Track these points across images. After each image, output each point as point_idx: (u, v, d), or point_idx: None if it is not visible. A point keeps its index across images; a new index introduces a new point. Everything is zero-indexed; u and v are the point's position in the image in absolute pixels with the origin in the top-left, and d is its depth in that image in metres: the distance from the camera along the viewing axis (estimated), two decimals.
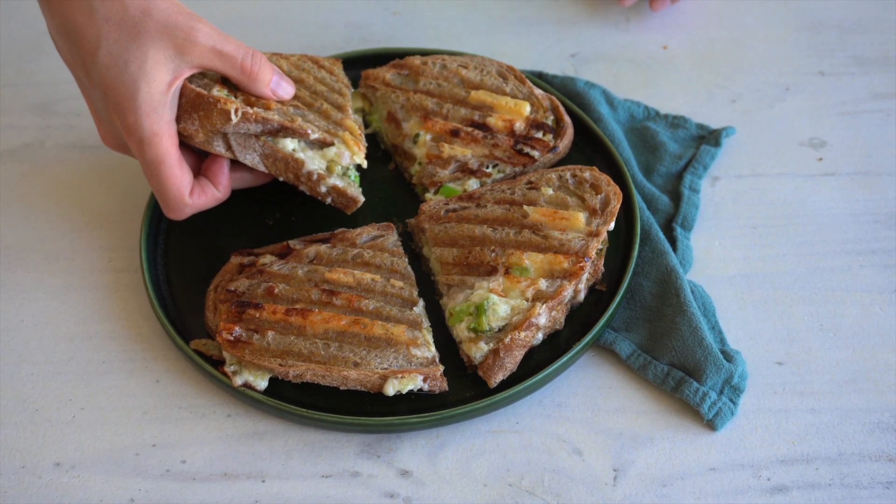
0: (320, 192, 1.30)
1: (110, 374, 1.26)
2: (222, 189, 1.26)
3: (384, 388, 1.18)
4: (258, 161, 1.27)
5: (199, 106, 1.20)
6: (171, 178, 1.20)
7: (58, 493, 1.17)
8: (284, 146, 1.26)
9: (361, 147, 1.30)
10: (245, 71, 1.21)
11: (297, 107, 1.29)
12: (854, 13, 1.63)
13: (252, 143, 1.25)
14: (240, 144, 1.24)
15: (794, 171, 1.44)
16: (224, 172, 1.27)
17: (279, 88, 1.26)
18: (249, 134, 1.24)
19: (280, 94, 1.26)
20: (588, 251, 1.25)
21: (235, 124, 1.21)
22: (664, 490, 1.16)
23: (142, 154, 1.18)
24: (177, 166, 1.20)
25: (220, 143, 1.23)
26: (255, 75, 1.22)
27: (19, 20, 1.67)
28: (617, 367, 1.26)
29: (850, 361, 1.25)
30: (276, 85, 1.25)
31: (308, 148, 1.28)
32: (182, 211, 1.24)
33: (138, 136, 1.16)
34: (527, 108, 1.39)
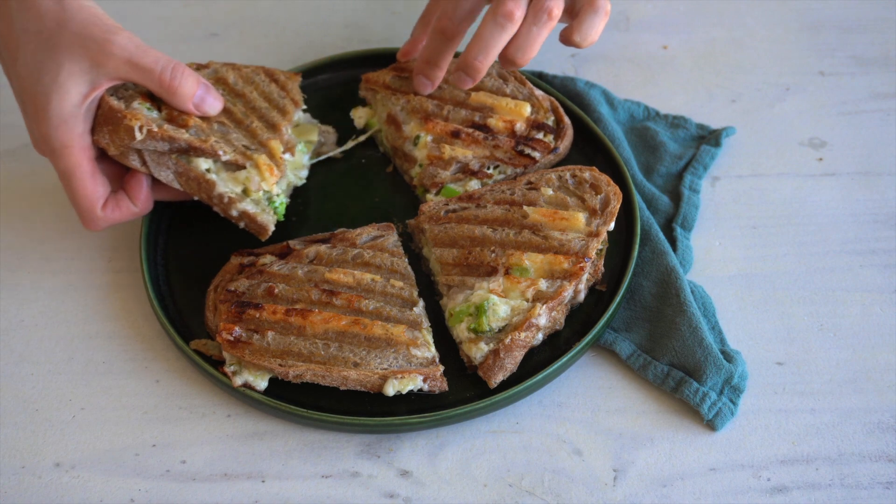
0: (232, 216, 1.27)
1: (110, 374, 1.27)
2: (140, 204, 1.25)
3: (384, 388, 1.18)
4: (172, 178, 1.24)
5: (109, 119, 1.18)
6: (82, 189, 1.20)
7: (58, 493, 1.17)
8: (197, 165, 1.23)
9: (275, 172, 1.25)
10: (163, 85, 1.18)
11: (222, 123, 1.25)
12: (854, 13, 1.63)
13: (165, 161, 1.22)
14: (153, 161, 1.22)
15: (794, 171, 1.44)
16: (142, 187, 1.25)
17: (203, 104, 1.22)
18: (161, 151, 1.21)
19: (204, 109, 1.23)
20: (588, 251, 1.25)
21: (141, 140, 1.19)
22: (664, 490, 1.16)
23: (55, 164, 1.19)
24: (88, 178, 1.19)
25: (135, 158, 1.22)
26: (175, 89, 1.19)
27: None
28: (617, 367, 1.26)
29: (850, 361, 1.25)
30: (199, 100, 1.22)
31: (223, 169, 1.25)
32: (95, 223, 1.23)
33: (50, 147, 1.17)
34: (527, 108, 1.39)
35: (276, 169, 1.25)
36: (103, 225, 1.24)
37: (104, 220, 1.23)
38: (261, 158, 1.23)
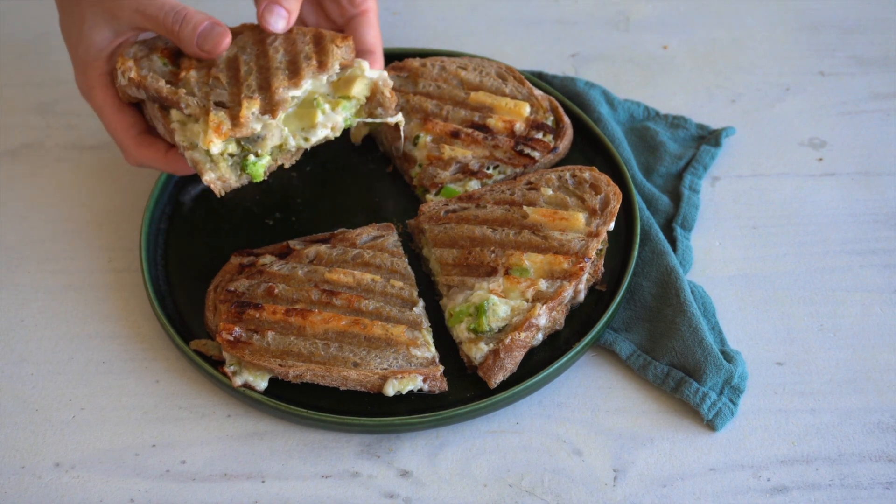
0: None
1: (110, 374, 1.27)
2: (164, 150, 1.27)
3: (384, 388, 1.18)
4: (161, 129, 1.25)
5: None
6: (110, 123, 1.26)
7: (58, 493, 1.17)
8: (171, 116, 1.22)
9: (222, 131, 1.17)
10: (168, 29, 1.21)
11: (218, 80, 1.22)
12: (854, 13, 1.63)
13: (153, 110, 1.24)
14: (149, 111, 1.26)
15: (794, 171, 1.44)
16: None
17: (204, 43, 1.21)
18: (150, 99, 1.23)
19: (207, 49, 1.22)
20: (588, 251, 1.25)
21: (126, 86, 1.22)
22: (664, 490, 1.16)
23: (91, 105, 1.27)
24: (114, 112, 1.25)
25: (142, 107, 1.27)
26: (177, 33, 1.21)
27: (19, 20, 1.67)
28: (617, 367, 1.26)
29: (850, 361, 1.25)
30: (200, 39, 1.21)
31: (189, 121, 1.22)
32: (129, 155, 1.27)
33: (83, 91, 1.27)
34: (526, 108, 1.39)
35: (226, 128, 1.18)
36: (137, 159, 1.27)
37: (137, 155, 1.27)
38: (211, 116, 1.18)
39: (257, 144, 1.21)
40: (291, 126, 1.23)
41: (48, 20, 1.66)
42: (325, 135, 1.23)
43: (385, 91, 1.24)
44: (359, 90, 1.24)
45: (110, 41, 1.23)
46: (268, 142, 1.21)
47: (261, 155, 1.22)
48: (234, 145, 1.20)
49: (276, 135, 1.21)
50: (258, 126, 1.19)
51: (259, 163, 1.22)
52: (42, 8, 1.68)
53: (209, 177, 1.20)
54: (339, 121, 1.23)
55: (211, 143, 1.17)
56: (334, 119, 1.23)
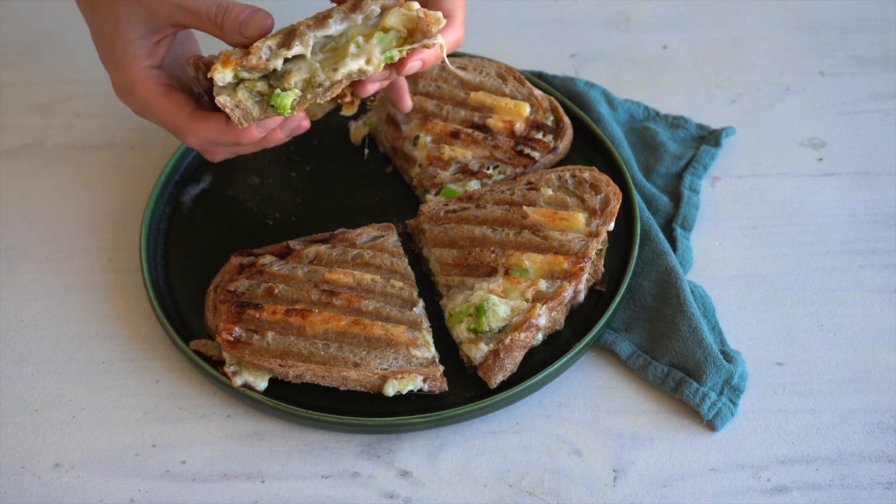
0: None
1: (110, 374, 1.27)
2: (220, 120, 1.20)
3: (384, 388, 1.18)
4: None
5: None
6: (161, 109, 1.19)
7: (58, 493, 1.17)
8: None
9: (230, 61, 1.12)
10: (211, 22, 1.16)
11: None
12: (854, 13, 1.63)
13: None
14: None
15: (794, 171, 1.44)
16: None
17: (247, 28, 1.16)
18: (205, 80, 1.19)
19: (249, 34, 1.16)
20: (588, 252, 1.25)
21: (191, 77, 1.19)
22: (664, 491, 1.16)
23: (134, 107, 1.20)
24: (162, 97, 1.18)
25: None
26: (220, 25, 1.16)
27: (19, 20, 1.67)
28: (617, 367, 1.26)
29: (850, 362, 1.25)
30: (243, 26, 1.16)
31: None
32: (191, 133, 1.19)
33: (123, 92, 1.20)
34: (526, 108, 1.39)
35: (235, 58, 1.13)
36: (198, 135, 1.19)
37: (197, 131, 1.19)
38: (226, 51, 1.14)
39: (283, 80, 1.15)
40: (326, 64, 1.15)
41: (48, 20, 1.66)
42: (357, 66, 1.14)
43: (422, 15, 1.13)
44: (394, 21, 1.14)
45: (146, 38, 1.19)
46: (293, 76, 1.15)
47: (288, 89, 1.15)
48: (263, 84, 1.15)
49: (304, 68, 1.15)
50: (278, 62, 1.13)
51: (285, 94, 1.15)
52: (42, 8, 1.68)
53: (222, 98, 1.14)
54: (374, 52, 1.14)
55: (216, 70, 1.13)
56: (368, 49, 1.14)
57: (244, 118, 1.14)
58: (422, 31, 1.14)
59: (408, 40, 1.15)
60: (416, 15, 1.13)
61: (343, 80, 1.14)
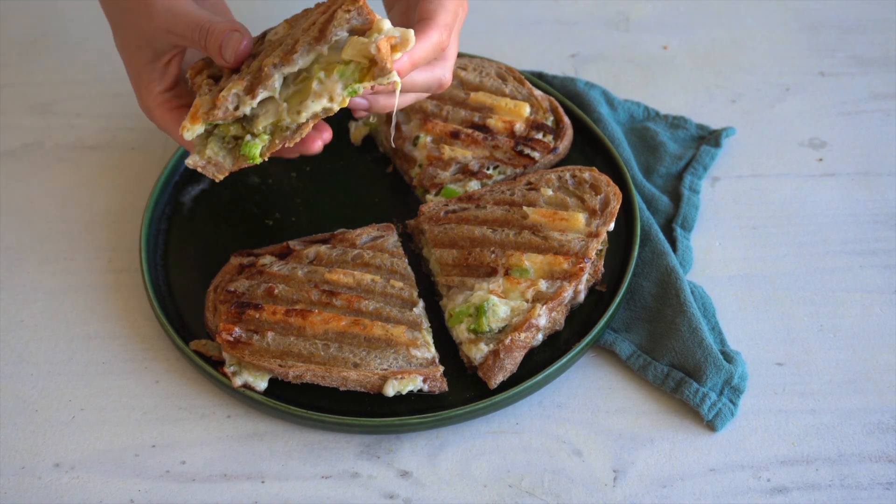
0: None
1: (110, 374, 1.27)
2: None
3: (384, 388, 1.18)
4: None
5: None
6: (177, 137, 1.21)
7: (57, 493, 1.17)
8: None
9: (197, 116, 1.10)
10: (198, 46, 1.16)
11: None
12: (854, 13, 1.63)
13: None
14: None
15: (794, 171, 1.44)
16: None
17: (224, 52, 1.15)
18: None
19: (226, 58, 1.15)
20: (588, 252, 1.25)
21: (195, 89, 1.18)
22: (664, 491, 1.16)
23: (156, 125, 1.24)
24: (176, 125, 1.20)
25: None
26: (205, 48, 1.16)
27: (19, 20, 1.67)
28: (617, 367, 1.26)
29: (850, 362, 1.25)
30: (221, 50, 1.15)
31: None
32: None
33: (144, 112, 1.24)
34: (526, 109, 1.39)
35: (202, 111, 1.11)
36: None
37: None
38: (196, 101, 1.13)
39: (253, 124, 1.12)
40: (293, 102, 1.10)
41: (48, 20, 1.66)
42: (321, 106, 1.09)
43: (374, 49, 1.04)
44: (351, 53, 1.07)
45: (153, 63, 1.20)
46: (261, 120, 1.12)
47: (257, 134, 1.12)
48: (236, 127, 1.13)
49: (271, 112, 1.11)
50: (246, 108, 1.10)
51: (253, 142, 1.12)
52: (42, 8, 1.68)
53: (193, 160, 1.13)
54: (335, 88, 1.08)
55: (185, 128, 1.11)
56: (329, 87, 1.08)
57: (218, 172, 1.14)
58: (379, 66, 1.05)
59: (370, 71, 1.07)
60: (370, 47, 1.05)
61: (309, 120, 1.10)
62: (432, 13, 1.12)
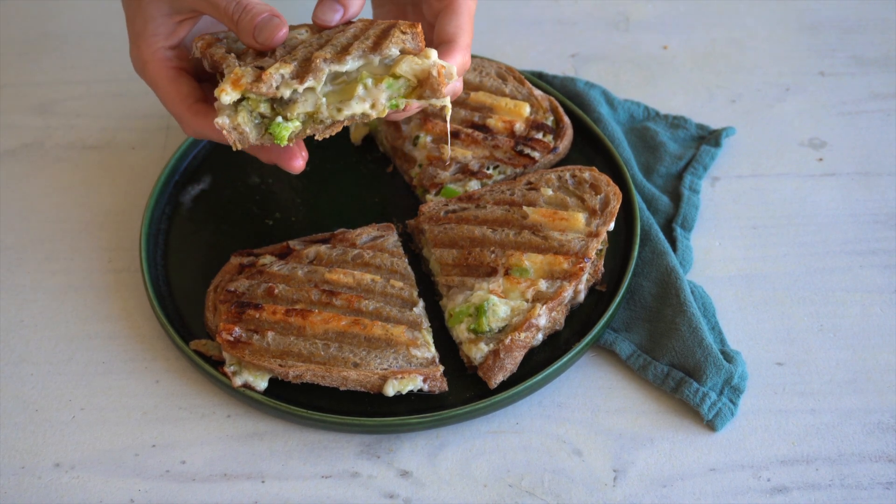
0: None
1: (110, 374, 1.27)
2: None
3: (384, 388, 1.18)
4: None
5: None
6: (166, 95, 1.20)
7: (58, 493, 1.17)
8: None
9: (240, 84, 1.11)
10: (228, 17, 1.16)
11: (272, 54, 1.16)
12: (854, 13, 1.63)
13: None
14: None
15: (794, 171, 1.44)
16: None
17: (259, 35, 1.15)
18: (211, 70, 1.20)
19: (261, 41, 1.15)
20: (588, 252, 1.25)
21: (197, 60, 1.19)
22: (664, 491, 1.16)
23: (146, 81, 1.22)
24: (169, 83, 1.20)
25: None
26: (235, 22, 1.16)
27: (19, 20, 1.67)
28: (617, 367, 1.26)
29: (850, 362, 1.25)
30: (257, 31, 1.15)
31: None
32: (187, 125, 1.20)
33: (137, 67, 1.22)
34: (526, 108, 1.39)
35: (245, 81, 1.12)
36: (194, 129, 1.20)
37: (194, 125, 1.20)
38: (236, 69, 1.13)
39: (287, 108, 1.14)
40: (332, 99, 1.15)
41: (48, 20, 1.66)
42: (362, 109, 1.14)
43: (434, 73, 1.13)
44: (406, 69, 1.14)
45: (168, 17, 1.19)
46: (298, 106, 1.14)
47: (290, 119, 1.14)
48: (266, 106, 1.14)
49: (310, 101, 1.14)
50: (287, 91, 1.12)
51: (285, 125, 1.14)
52: (42, 8, 1.68)
53: (222, 120, 1.13)
54: (380, 97, 1.14)
55: (223, 91, 1.12)
56: (374, 94, 1.14)
57: (240, 141, 1.14)
58: (431, 88, 1.13)
59: (416, 90, 1.14)
60: (430, 69, 1.12)
61: (345, 120, 1.14)
62: (454, 36, 1.19)
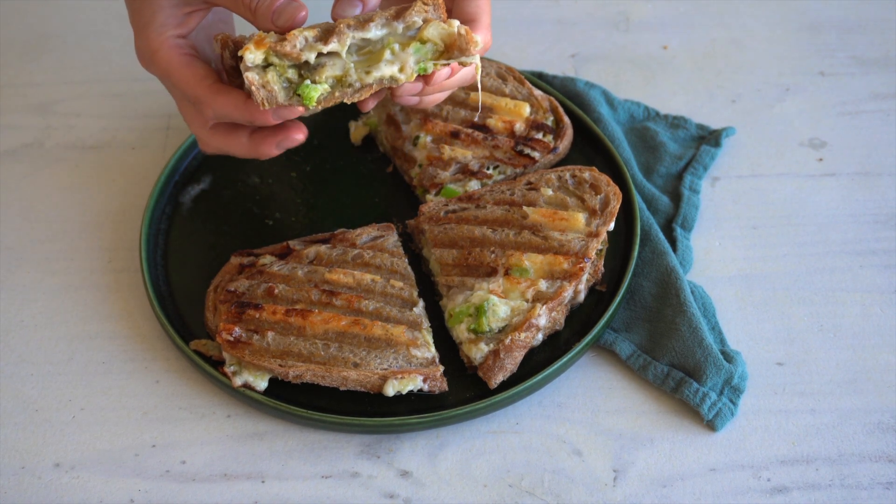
0: None
1: (110, 374, 1.27)
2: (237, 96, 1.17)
3: (384, 388, 1.18)
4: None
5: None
6: (182, 78, 1.16)
7: (58, 493, 1.17)
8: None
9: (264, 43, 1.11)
10: (244, 4, 1.15)
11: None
12: (854, 13, 1.63)
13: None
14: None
15: (794, 171, 1.44)
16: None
17: (279, 17, 1.14)
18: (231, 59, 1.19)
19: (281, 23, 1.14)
20: (588, 252, 1.25)
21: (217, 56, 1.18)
22: (664, 491, 1.16)
23: (154, 72, 1.19)
24: (184, 67, 1.16)
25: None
26: (253, 9, 1.14)
27: (19, 20, 1.67)
28: (617, 367, 1.26)
29: (850, 362, 1.25)
30: (276, 14, 1.14)
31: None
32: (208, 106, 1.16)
33: (145, 58, 1.18)
34: (526, 108, 1.39)
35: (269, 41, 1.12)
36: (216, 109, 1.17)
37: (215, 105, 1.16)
38: (261, 32, 1.13)
39: (315, 73, 1.13)
40: (358, 65, 1.14)
41: (48, 20, 1.66)
42: (390, 72, 1.13)
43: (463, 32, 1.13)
44: (433, 33, 1.13)
45: (176, 7, 1.17)
46: (326, 70, 1.13)
47: (318, 82, 1.14)
48: (293, 72, 1.13)
49: (338, 66, 1.13)
50: (311, 55, 1.12)
51: (314, 87, 1.13)
52: (42, 8, 1.68)
53: (251, 75, 1.11)
54: (408, 60, 1.13)
55: (247, 49, 1.11)
56: (402, 58, 1.13)
57: (268, 100, 1.12)
58: (459, 48, 1.13)
59: (443, 55, 1.14)
60: (455, 32, 1.12)
61: (374, 84, 1.13)
62: (474, 15, 1.19)
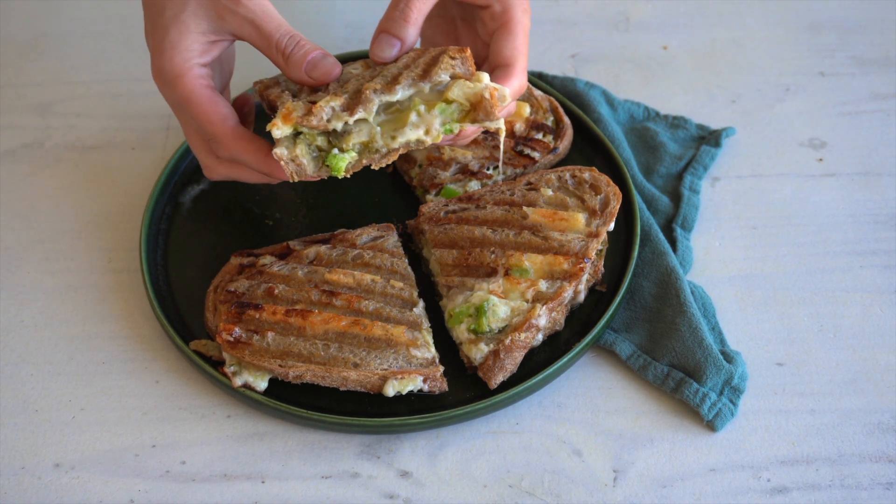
0: None
1: (110, 374, 1.27)
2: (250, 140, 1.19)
3: (384, 388, 1.18)
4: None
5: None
6: (202, 113, 1.16)
7: (57, 493, 1.17)
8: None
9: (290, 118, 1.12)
10: (279, 50, 1.16)
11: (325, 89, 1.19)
12: (854, 13, 1.63)
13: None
14: None
15: (794, 171, 1.44)
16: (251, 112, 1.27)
17: (314, 70, 1.16)
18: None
19: (315, 76, 1.16)
20: (588, 252, 1.25)
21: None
22: (664, 491, 1.16)
23: (170, 96, 1.18)
24: (206, 101, 1.16)
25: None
26: (287, 56, 1.16)
27: (19, 20, 1.67)
28: (617, 367, 1.26)
29: (850, 362, 1.25)
30: (310, 66, 1.16)
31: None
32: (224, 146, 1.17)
33: (164, 80, 1.17)
34: (526, 109, 1.39)
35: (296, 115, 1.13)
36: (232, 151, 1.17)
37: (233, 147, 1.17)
38: (288, 103, 1.15)
39: (342, 140, 1.15)
40: (386, 128, 1.15)
41: (48, 20, 1.66)
42: (416, 136, 1.14)
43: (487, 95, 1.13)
44: (458, 94, 1.14)
45: (203, 34, 1.16)
46: (353, 137, 1.15)
47: (345, 150, 1.15)
48: (322, 139, 1.15)
49: (364, 132, 1.15)
50: (339, 124, 1.13)
51: (342, 157, 1.15)
52: (42, 8, 1.68)
53: (280, 151, 1.13)
54: (434, 123, 1.14)
55: (275, 125, 1.12)
56: (428, 120, 1.14)
57: (297, 173, 1.15)
58: (485, 111, 1.14)
59: (469, 114, 1.15)
60: (482, 92, 1.13)
61: (400, 148, 1.14)
62: (511, 59, 1.20)
